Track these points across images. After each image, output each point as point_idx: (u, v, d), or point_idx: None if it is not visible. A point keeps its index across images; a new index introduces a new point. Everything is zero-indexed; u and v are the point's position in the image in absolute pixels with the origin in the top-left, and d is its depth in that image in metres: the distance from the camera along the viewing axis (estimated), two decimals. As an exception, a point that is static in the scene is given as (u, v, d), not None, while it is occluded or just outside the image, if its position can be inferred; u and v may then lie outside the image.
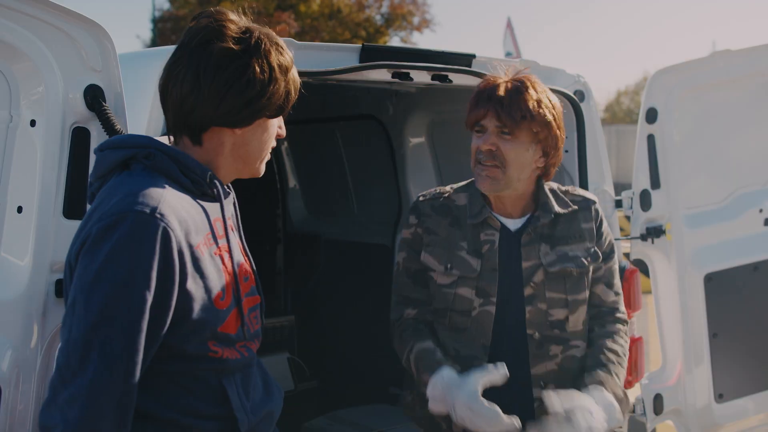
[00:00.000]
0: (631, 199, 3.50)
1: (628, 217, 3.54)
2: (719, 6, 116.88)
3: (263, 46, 1.76)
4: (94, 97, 2.24)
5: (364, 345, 4.40)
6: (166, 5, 26.21)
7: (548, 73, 3.40)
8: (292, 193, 5.29)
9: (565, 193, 2.54)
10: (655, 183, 3.51)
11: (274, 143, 1.90)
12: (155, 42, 24.42)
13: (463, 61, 3.10)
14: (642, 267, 3.59)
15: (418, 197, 2.55)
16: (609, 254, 2.54)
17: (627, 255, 3.58)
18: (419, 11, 26.77)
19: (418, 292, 2.49)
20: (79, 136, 2.26)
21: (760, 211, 3.74)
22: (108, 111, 2.25)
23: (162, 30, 24.97)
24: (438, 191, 2.54)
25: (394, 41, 26.60)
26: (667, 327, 3.61)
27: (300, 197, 5.30)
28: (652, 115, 3.47)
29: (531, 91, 2.35)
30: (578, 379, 2.43)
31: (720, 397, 3.63)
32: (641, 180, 3.50)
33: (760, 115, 3.78)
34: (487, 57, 3.18)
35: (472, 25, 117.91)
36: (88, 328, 1.57)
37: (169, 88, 1.78)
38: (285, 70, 1.80)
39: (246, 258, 1.93)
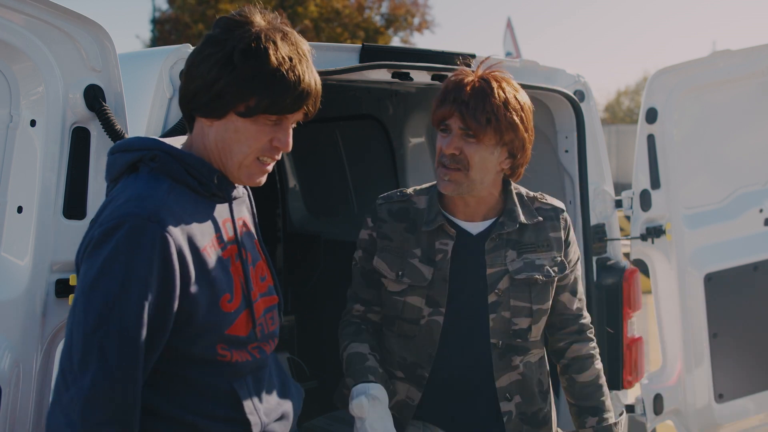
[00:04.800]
0: (631, 199, 3.49)
1: (628, 217, 3.54)
2: (719, 6, 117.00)
3: (247, 36, 1.70)
4: (94, 97, 2.24)
5: (364, 345, 4.39)
6: (165, 6, 26.21)
7: (548, 73, 3.40)
8: (292, 193, 5.28)
9: (533, 200, 2.47)
10: (655, 183, 3.51)
11: (270, 156, 1.78)
12: (155, 43, 24.40)
13: (463, 61, 3.10)
14: (642, 267, 3.59)
15: (378, 199, 2.49)
16: (574, 262, 2.50)
17: (627, 255, 3.58)
18: (419, 12, 26.75)
19: (368, 293, 2.46)
20: (79, 136, 2.26)
21: (760, 211, 3.75)
22: (108, 111, 2.25)
23: (161, 31, 24.95)
24: (399, 193, 2.47)
25: (395, 42, 26.59)
26: (667, 327, 3.61)
27: (300, 197, 5.30)
28: (652, 115, 3.47)
29: (497, 92, 2.25)
30: (535, 384, 2.45)
31: (720, 397, 3.63)
32: (641, 180, 3.50)
33: (760, 115, 3.78)
34: (487, 57, 3.18)
35: (472, 25, 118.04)
36: (87, 332, 1.58)
37: None
38: (260, 64, 1.68)
39: (263, 257, 1.91)
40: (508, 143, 2.29)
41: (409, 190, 2.48)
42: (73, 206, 2.26)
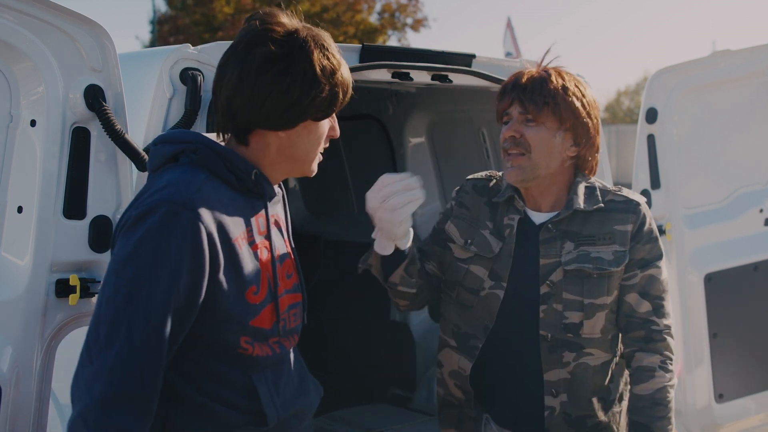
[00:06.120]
0: (631, 199, 3.49)
1: (628, 217, 3.54)
2: (719, 6, 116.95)
3: (307, 48, 1.77)
4: (94, 97, 2.25)
5: (365, 345, 4.40)
6: (165, 7, 26.16)
7: (548, 73, 3.40)
8: (292, 193, 5.28)
9: (606, 192, 2.39)
10: (655, 183, 3.51)
11: (326, 144, 1.90)
12: (154, 43, 24.38)
13: (463, 61, 3.11)
14: (642, 267, 3.59)
15: (467, 177, 2.56)
16: (649, 261, 2.35)
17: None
18: (413, 7, 26.66)
19: (428, 246, 2.50)
20: (79, 136, 2.27)
21: (761, 211, 3.75)
22: (108, 111, 2.25)
23: (161, 32, 24.93)
24: (488, 174, 2.53)
25: (392, 41, 26.58)
26: (667, 327, 3.61)
27: (300, 197, 5.30)
28: (652, 115, 3.48)
29: (556, 78, 2.30)
30: (589, 388, 2.35)
31: (720, 397, 3.63)
32: (641, 180, 3.50)
33: (760, 115, 3.78)
34: (487, 57, 3.19)
35: (472, 24, 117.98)
36: (115, 309, 1.63)
37: (218, 89, 1.82)
38: (330, 74, 1.78)
39: (291, 256, 1.96)
40: (570, 129, 2.29)
41: (498, 173, 2.52)
42: (73, 206, 2.27)
